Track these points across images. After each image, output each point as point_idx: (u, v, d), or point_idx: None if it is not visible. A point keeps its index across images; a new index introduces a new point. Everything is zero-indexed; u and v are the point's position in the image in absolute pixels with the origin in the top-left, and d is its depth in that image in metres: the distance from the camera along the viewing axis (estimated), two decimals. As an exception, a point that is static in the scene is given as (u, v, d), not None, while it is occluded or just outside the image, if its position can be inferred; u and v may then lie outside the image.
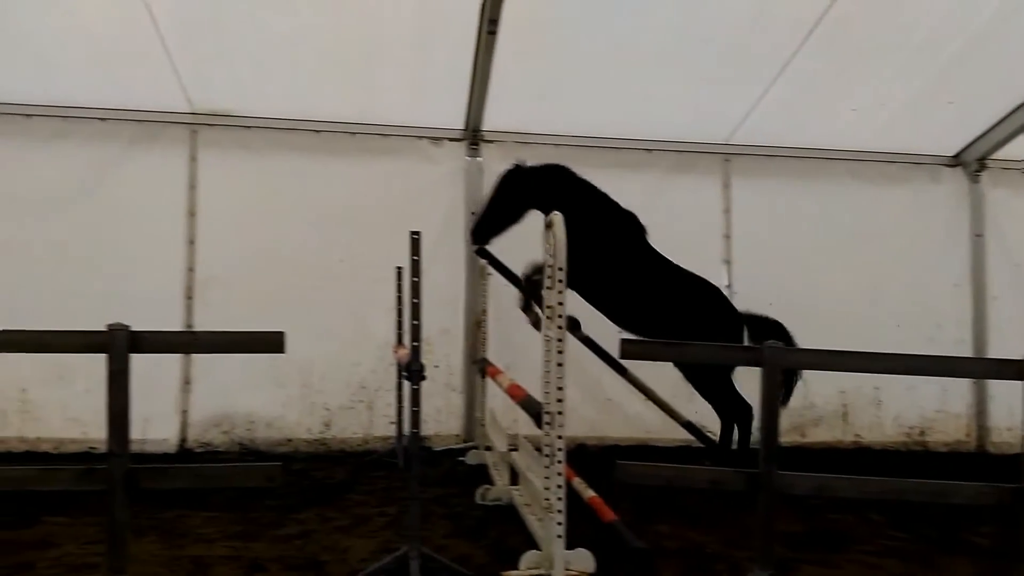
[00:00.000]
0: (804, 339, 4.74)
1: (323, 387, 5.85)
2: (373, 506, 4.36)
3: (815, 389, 6.07)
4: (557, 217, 3.49)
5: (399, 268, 5.22)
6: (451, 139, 6.16)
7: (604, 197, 4.90)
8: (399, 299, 5.29)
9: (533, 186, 4.82)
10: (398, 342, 5.24)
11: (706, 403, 5.00)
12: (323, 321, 5.73)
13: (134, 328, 3.11)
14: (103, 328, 3.22)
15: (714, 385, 4.89)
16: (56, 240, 5.60)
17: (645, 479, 3.23)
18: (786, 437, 5.06)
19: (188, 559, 3.52)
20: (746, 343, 4.76)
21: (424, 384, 3.47)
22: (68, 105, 5.66)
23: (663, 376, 5.08)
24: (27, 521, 4.04)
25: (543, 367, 3.50)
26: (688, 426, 5.26)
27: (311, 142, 5.97)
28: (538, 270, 4.62)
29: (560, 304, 3.45)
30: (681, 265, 4.97)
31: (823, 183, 6.50)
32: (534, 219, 4.65)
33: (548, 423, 3.33)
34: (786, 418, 5.37)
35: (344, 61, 5.49)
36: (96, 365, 3.61)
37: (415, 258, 3.96)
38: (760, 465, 3.11)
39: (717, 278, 6.19)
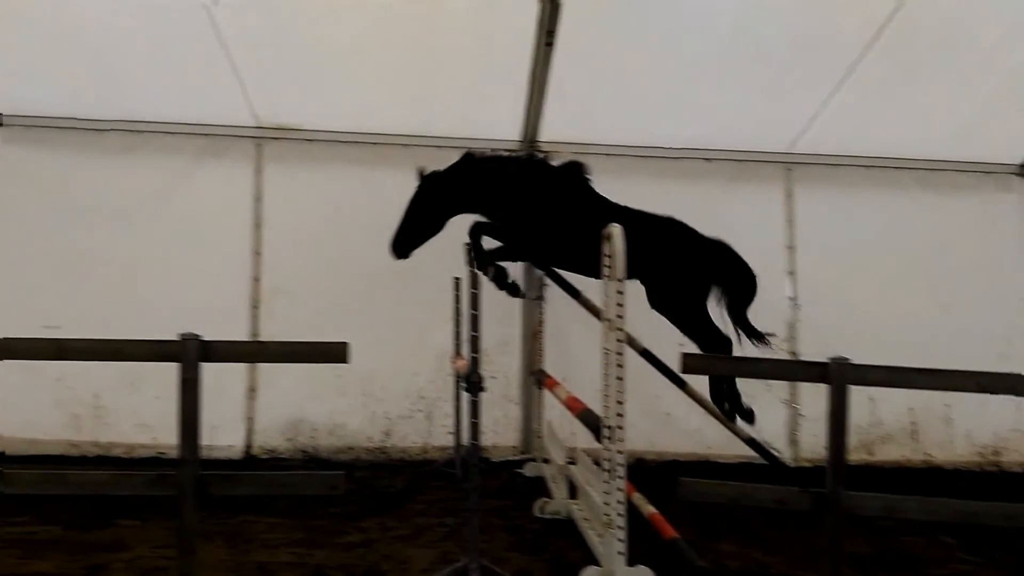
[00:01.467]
0: (871, 353, 4.57)
1: (383, 396, 5.92)
2: (433, 516, 4.40)
3: (883, 406, 5.89)
4: (615, 229, 3.48)
5: (456, 279, 5.27)
6: (508, 151, 6.18)
7: (527, 164, 4.94)
8: (456, 310, 5.33)
9: (449, 191, 4.85)
10: (456, 353, 5.28)
11: (771, 418, 4.91)
12: (383, 331, 5.80)
13: (204, 337, 3.18)
14: (174, 337, 3.34)
15: (690, 317, 4.81)
16: (127, 250, 5.80)
17: (708, 496, 3.17)
18: (853, 455, 4.92)
19: (254, 565, 3.61)
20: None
21: (482, 395, 3.48)
22: (139, 120, 5.87)
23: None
24: (101, 523, 4.20)
25: (602, 380, 3.49)
26: (751, 442, 5.15)
27: (370, 155, 6.07)
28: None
29: (619, 317, 3.44)
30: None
31: (890, 192, 6.31)
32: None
33: (608, 437, 3.31)
34: (853, 435, 5.22)
35: (402, 75, 5.57)
36: (165, 372, 3.73)
37: (473, 270, 4.01)
38: (827, 485, 3.04)
39: (780, 289, 6.12)
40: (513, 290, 5.01)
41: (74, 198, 5.81)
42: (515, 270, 5.93)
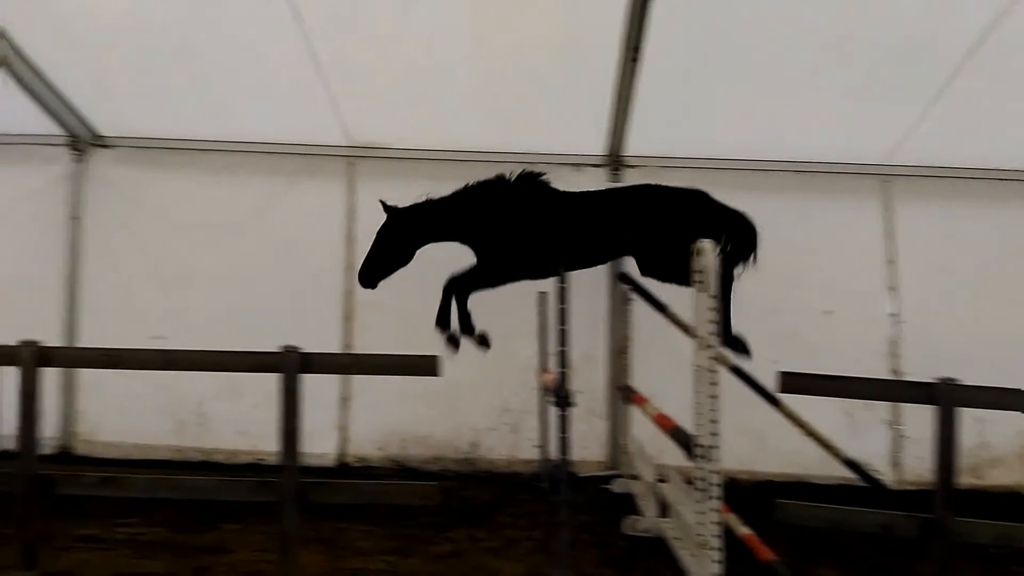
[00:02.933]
0: (979, 374, 4.36)
1: (469, 408, 5.98)
2: (521, 529, 4.42)
3: (992, 428, 5.57)
4: (706, 244, 3.44)
5: (542, 293, 5.28)
6: (592, 165, 6.18)
7: (485, 185, 5.11)
8: (541, 324, 5.34)
9: (416, 223, 5.11)
10: (541, 367, 5.28)
11: (872, 438, 4.71)
12: (468, 344, 5.86)
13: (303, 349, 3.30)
14: (273, 349, 3.48)
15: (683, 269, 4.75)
16: (228, 265, 6.04)
17: (808, 519, 3.10)
18: (960, 479, 4.69)
19: (349, 571, 3.70)
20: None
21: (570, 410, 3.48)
22: (238, 140, 6.13)
23: (822, 408, 4.83)
24: (204, 526, 4.39)
25: (694, 398, 3.44)
26: (851, 464, 4.95)
27: (457, 171, 6.09)
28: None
29: (712, 334, 3.39)
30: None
31: (998, 205, 5.98)
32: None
33: (701, 456, 3.26)
34: (960, 458, 4.97)
35: (488, 94, 5.65)
36: (263, 381, 3.89)
37: (562, 285, 4.02)
38: (935, 510, 2.91)
39: (880, 305, 5.90)
40: (482, 341, 5.21)
41: (178, 215, 6.11)
42: (598, 282, 5.99)
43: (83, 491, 3.66)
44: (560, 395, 3.71)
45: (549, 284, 5.05)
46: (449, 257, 5.30)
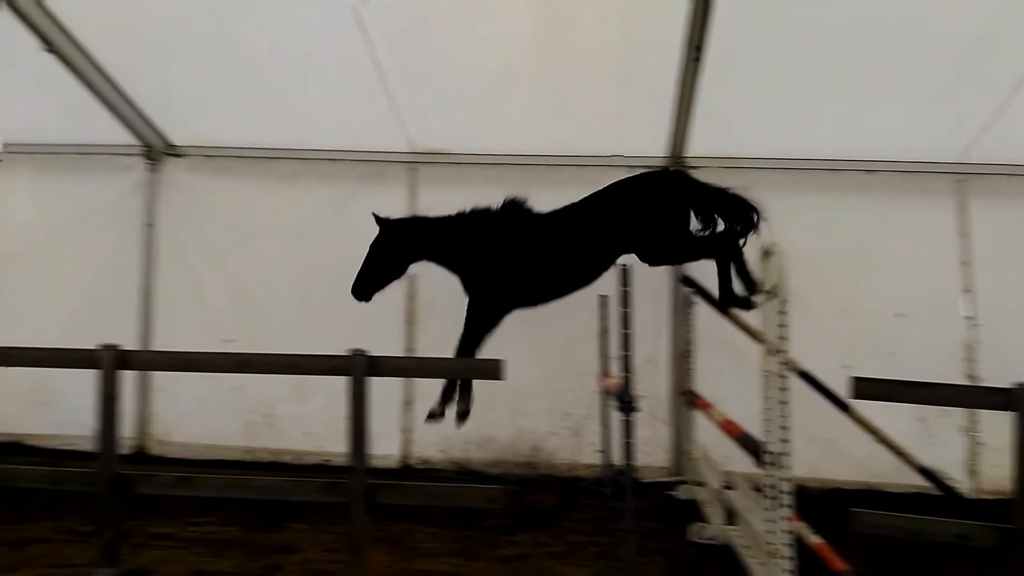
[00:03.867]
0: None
1: (530, 412, 6.00)
2: (584, 534, 4.40)
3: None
4: (777, 247, 3.37)
5: (602, 296, 5.26)
6: (653, 167, 6.12)
7: (471, 216, 5.08)
8: (602, 328, 5.32)
9: (406, 239, 5.12)
10: (603, 371, 5.26)
11: (948, 446, 4.56)
12: (530, 347, 5.87)
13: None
14: (344, 352, 3.54)
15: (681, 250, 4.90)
16: (295, 270, 6.18)
17: (882, 528, 3.01)
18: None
19: (415, 572, 3.74)
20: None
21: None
22: (304, 148, 6.28)
23: (895, 414, 4.69)
24: (274, 526, 4.49)
25: (763, 403, 3.38)
26: (926, 472, 4.80)
27: (517, 175, 6.16)
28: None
29: (782, 338, 3.32)
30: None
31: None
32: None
33: (771, 463, 3.20)
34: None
35: (548, 97, 5.66)
36: (329, 384, 3.95)
37: (625, 288, 4.00)
38: (1015, 520, 2.80)
39: (954, 308, 5.70)
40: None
41: (247, 221, 6.29)
42: (660, 286, 5.93)
43: (160, 490, 3.77)
44: (624, 400, 3.69)
45: (610, 287, 5.08)
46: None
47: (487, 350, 5.12)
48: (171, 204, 6.38)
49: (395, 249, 5.13)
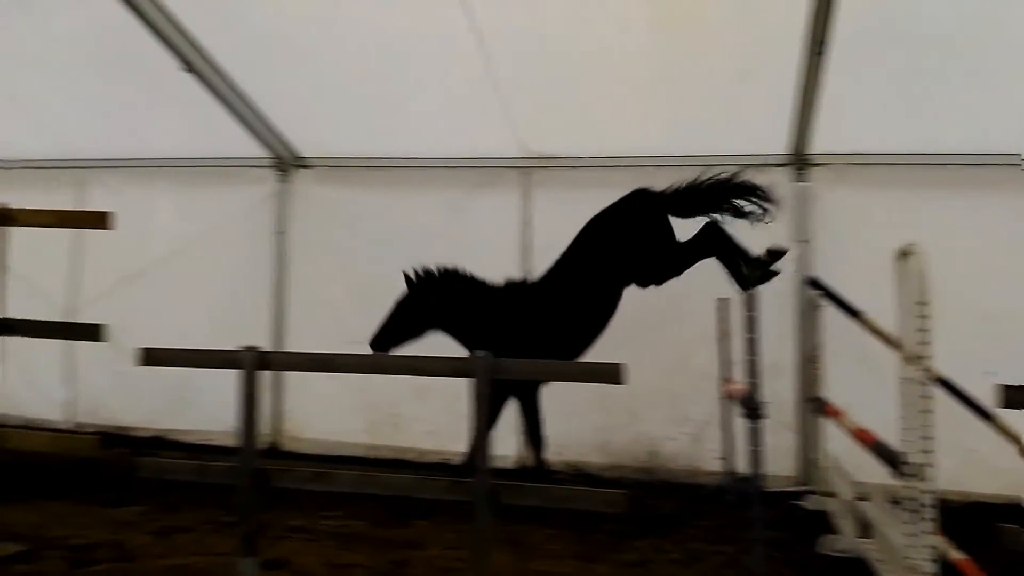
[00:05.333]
0: None
1: (647, 416, 5.94)
2: (707, 543, 4.31)
3: None
4: (916, 247, 3.21)
5: (720, 299, 5.15)
6: (775, 165, 5.94)
7: (483, 286, 5.37)
8: (723, 331, 5.20)
9: (425, 307, 5.29)
10: (724, 376, 5.14)
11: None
12: (646, 350, 5.79)
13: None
14: (467, 355, 3.63)
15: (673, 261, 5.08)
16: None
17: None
18: None
19: (538, 573, 3.77)
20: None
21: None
22: (423, 156, 6.46)
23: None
24: (400, 522, 4.64)
25: (901, 412, 3.22)
26: (1080, 487, 4.44)
27: (629, 177, 6.04)
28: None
29: (923, 343, 3.16)
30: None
31: None
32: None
33: (911, 474, 3.05)
34: None
35: (661, 98, 5.63)
36: (450, 384, 4.04)
37: (750, 292, 3.90)
38: None
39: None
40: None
41: (371, 228, 6.54)
42: (784, 289, 5.73)
43: (297, 485, 3.98)
44: (750, 406, 3.60)
45: (730, 290, 4.96)
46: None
47: (598, 353, 5.15)
48: (300, 213, 6.72)
49: (417, 312, 5.33)
